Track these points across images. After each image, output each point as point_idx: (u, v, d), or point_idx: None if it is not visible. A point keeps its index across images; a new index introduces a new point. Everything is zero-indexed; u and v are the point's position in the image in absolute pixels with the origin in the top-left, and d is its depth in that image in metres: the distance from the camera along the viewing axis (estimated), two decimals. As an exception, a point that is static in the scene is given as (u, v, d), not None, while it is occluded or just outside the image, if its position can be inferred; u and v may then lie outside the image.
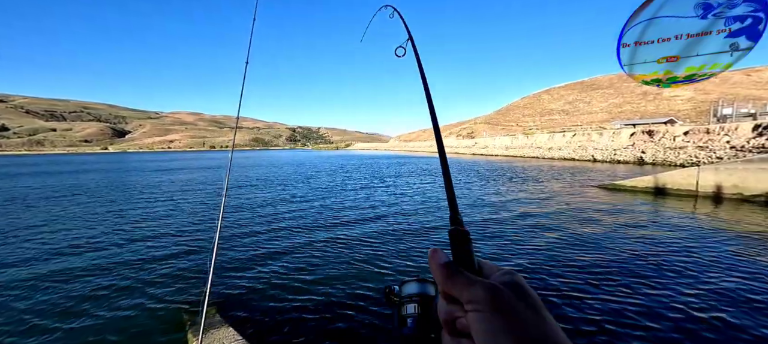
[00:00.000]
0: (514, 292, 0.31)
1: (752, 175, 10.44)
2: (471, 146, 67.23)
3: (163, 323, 3.84)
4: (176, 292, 4.57)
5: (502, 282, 0.33)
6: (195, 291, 4.51)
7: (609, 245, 6.15)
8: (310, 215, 9.42)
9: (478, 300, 0.31)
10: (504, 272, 0.35)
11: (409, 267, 5.31)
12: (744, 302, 3.93)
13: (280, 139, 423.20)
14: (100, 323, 3.84)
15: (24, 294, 4.56)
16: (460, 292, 0.33)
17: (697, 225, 7.50)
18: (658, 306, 3.87)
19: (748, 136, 23.40)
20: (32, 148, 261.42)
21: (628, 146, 32.10)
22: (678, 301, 3.96)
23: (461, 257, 0.38)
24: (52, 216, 9.90)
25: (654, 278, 4.63)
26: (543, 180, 16.90)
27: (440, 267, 0.35)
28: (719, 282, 4.47)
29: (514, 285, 0.32)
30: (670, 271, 4.86)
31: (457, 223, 0.41)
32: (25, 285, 4.85)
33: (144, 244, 6.76)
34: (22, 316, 3.99)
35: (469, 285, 0.33)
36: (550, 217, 8.58)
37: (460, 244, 0.39)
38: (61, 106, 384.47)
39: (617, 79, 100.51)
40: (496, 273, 0.36)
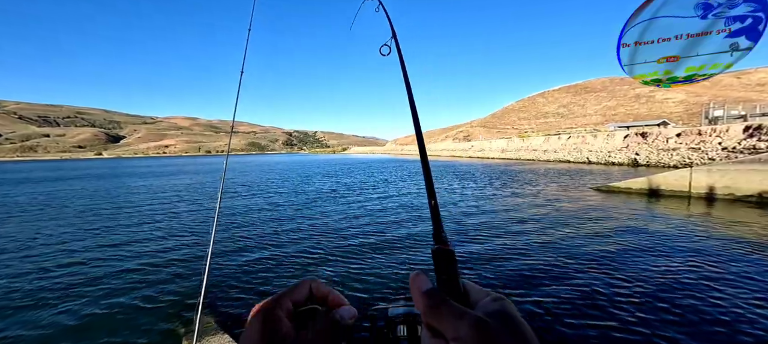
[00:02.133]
0: (503, 324, 0.29)
1: (743, 176, 10.58)
2: (467, 149, 67.51)
3: (157, 329, 3.77)
4: (170, 298, 4.49)
5: (489, 312, 0.31)
6: (189, 297, 4.44)
7: (604, 246, 6.16)
8: (303, 220, 9.36)
9: (463, 337, 0.29)
10: (492, 299, 0.33)
11: (405, 265, 5.27)
12: (740, 299, 3.94)
13: (276, 143, 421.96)
14: (93, 331, 3.75)
15: (12, 310, 4.45)
16: (444, 327, 0.31)
17: (691, 226, 7.55)
18: (656, 305, 3.86)
19: (739, 137, 23.75)
20: (25, 154, 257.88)
21: (623, 148, 32.41)
22: (676, 301, 3.97)
23: (446, 280, 0.35)
24: (41, 225, 9.73)
25: (651, 278, 4.64)
26: (538, 183, 16.97)
27: (423, 296, 0.33)
28: (716, 280, 4.48)
29: (503, 315, 0.30)
30: (667, 272, 4.87)
31: (440, 241, 0.37)
32: (15, 297, 4.74)
33: (138, 251, 6.66)
34: (8, 333, 3.88)
35: (454, 318, 0.30)
36: (546, 219, 8.59)
37: (444, 265, 0.35)
38: (54, 112, 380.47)
39: (610, 82, 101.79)
40: (483, 299, 0.33)
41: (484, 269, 5.15)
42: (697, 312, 3.75)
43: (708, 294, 4.14)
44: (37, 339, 3.64)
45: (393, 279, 4.93)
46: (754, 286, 4.34)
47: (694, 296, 4.11)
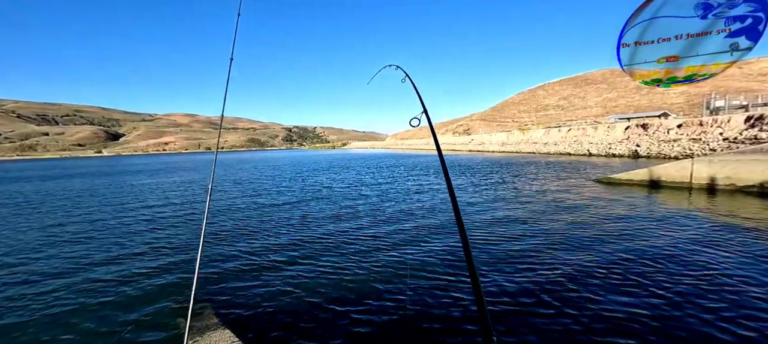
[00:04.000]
0: None
1: (744, 166, 10.59)
2: (467, 143, 67.40)
3: (147, 327, 3.82)
4: (160, 296, 4.54)
5: None
6: (180, 296, 4.48)
7: (606, 238, 6.20)
8: (296, 216, 9.40)
9: None
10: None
11: (401, 267, 5.32)
12: (740, 290, 3.98)
13: (276, 139, 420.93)
14: (79, 329, 3.81)
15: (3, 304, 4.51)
16: None
17: (692, 217, 7.59)
18: (657, 296, 3.91)
19: (740, 127, 23.69)
20: (25, 153, 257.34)
21: (623, 140, 32.36)
22: (678, 291, 4.01)
23: None
24: (39, 220, 9.79)
25: (651, 269, 4.68)
26: (539, 175, 16.99)
27: None
28: (716, 271, 4.53)
29: None
30: (670, 263, 4.92)
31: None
32: (4, 293, 4.79)
33: (125, 247, 6.70)
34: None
35: None
36: (547, 211, 8.63)
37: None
38: (52, 110, 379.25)
39: (610, 73, 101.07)
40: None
41: (484, 263, 5.20)
42: (699, 303, 3.79)
43: (709, 285, 4.19)
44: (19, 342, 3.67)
45: (393, 278, 4.98)
46: (755, 276, 4.38)
47: (695, 286, 4.16)
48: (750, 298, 3.91)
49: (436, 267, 5.21)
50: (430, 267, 5.19)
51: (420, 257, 5.71)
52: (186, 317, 1.85)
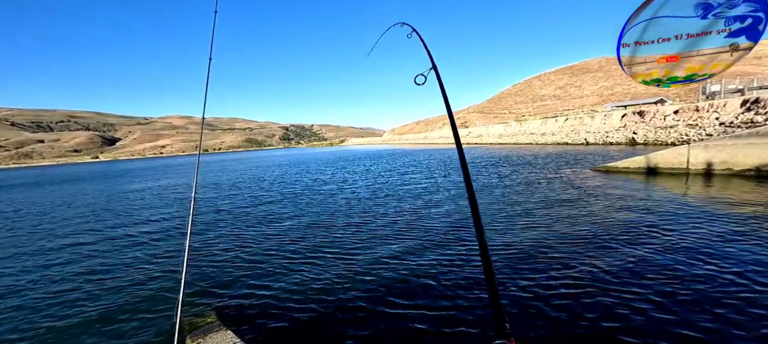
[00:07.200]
0: None
1: (741, 151, 10.66)
2: (465, 136, 67.44)
3: (135, 328, 3.84)
4: (149, 298, 4.56)
5: None
6: (169, 297, 4.50)
7: (604, 225, 6.25)
8: (288, 217, 9.40)
9: None
10: None
11: (401, 266, 5.35)
12: (740, 272, 4.03)
13: (273, 138, 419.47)
14: (67, 331, 3.82)
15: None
16: None
17: (689, 202, 7.66)
18: (659, 283, 3.95)
19: (736, 111, 23.79)
20: (21, 161, 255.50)
21: (620, 128, 32.47)
22: (677, 276, 4.06)
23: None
24: (31, 224, 9.75)
25: (651, 256, 4.73)
26: (537, 165, 17.04)
27: None
28: (714, 253, 4.58)
29: None
30: (668, 250, 4.96)
31: (503, 335, 0.29)
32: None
33: (113, 248, 6.70)
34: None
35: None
36: (545, 201, 8.68)
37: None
38: (47, 116, 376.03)
39: (606, 61, 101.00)
40: None
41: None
42: (698, 288, 3.84)
43: (707, 269, 4.23)
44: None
45: (393, 278, 5.01)
46: (752, 259, 4.43)
47: (694, 272, 4.20)
48: (748, 282, 3.95)
49: (443, 254, 5.24)
50: (435, 253, 5.22)
51: (422, 246, 5.73)
52: (175, 321, 1.86)
